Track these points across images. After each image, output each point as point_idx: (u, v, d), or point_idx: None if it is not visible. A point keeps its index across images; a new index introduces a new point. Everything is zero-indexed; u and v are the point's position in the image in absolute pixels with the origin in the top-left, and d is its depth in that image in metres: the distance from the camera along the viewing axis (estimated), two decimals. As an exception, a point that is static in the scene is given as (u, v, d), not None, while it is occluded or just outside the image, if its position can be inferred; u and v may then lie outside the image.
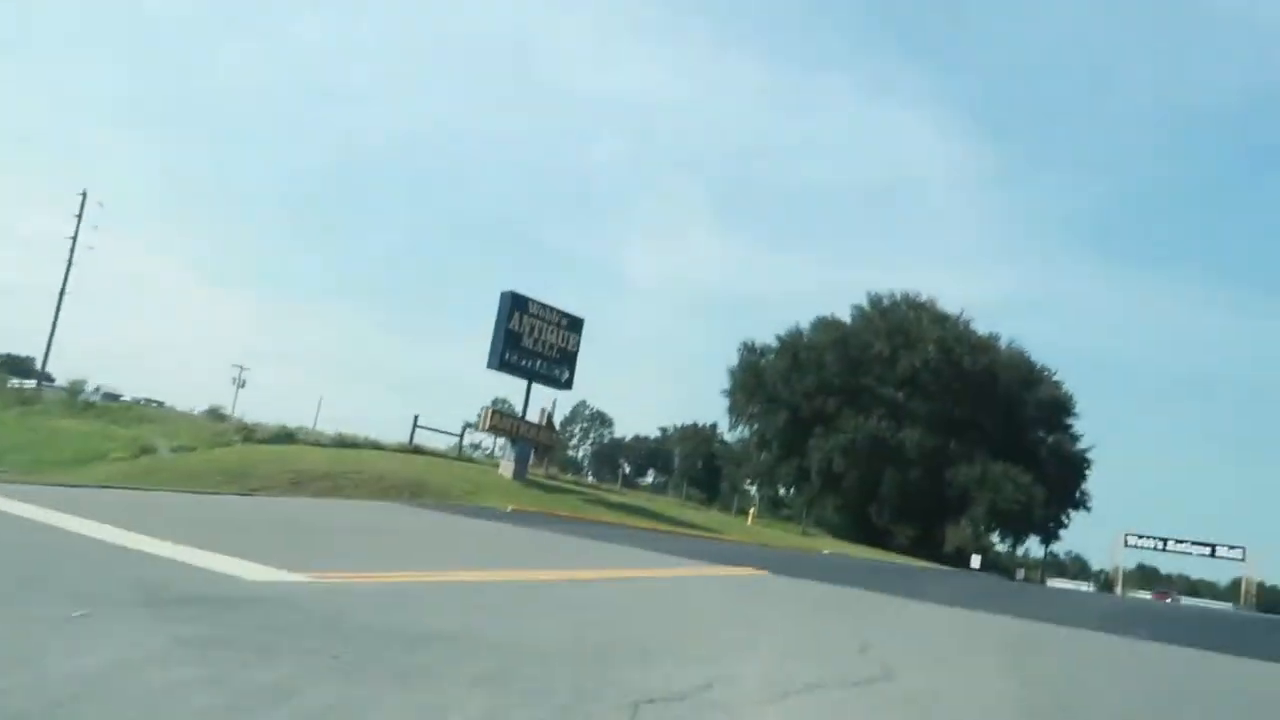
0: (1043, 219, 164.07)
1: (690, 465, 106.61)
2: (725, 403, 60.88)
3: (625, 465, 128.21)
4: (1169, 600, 56.48)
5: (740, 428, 62.72)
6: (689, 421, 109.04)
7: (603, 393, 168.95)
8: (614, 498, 32.24)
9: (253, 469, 20.76)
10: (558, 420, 47.15)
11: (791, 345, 58.65)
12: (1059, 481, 57.25)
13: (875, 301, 59.27)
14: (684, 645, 5.97)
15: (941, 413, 54.32)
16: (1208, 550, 76.53)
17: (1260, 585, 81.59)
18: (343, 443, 26.90)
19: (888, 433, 52.58)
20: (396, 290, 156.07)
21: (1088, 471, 60.54)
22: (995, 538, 59.92)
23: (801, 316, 71.81)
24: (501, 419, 27.49)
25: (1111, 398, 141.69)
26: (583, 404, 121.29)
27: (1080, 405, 60.89)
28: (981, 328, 57.81)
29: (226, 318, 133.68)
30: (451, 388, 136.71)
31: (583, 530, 17.95)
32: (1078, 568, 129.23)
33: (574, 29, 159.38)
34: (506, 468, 27.75)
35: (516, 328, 27.92)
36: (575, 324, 29.79)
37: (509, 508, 21.68)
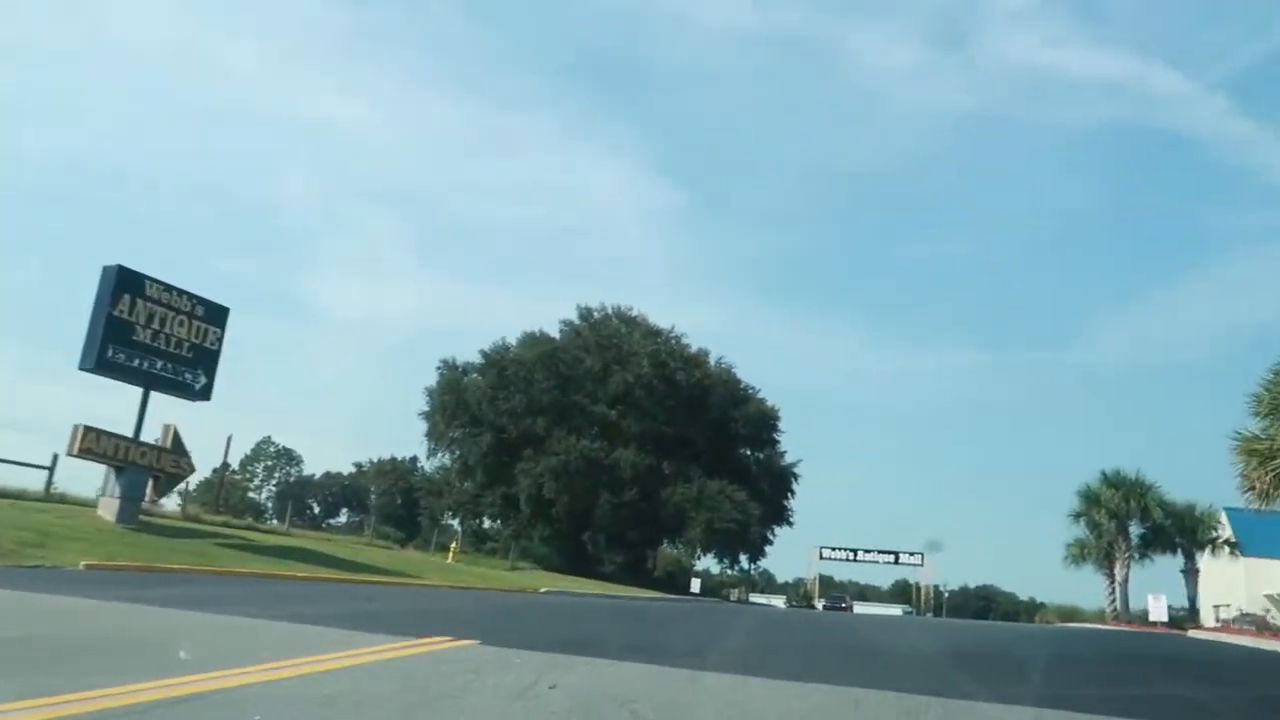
0: (729, 262, 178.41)
1: (388, 502, 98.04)
2: (424, 427, 54.28)
3: (314, 505, 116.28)
4: (844, 606, 58.35)
5: (440, 454, 56.33)
6: (386, 456, 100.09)
7: (291, 429, 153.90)
8: (269, 540, 25.04)
9: None
10: (235, 456, 38.21)
11: (497, 361, 53.45)
12: (770, 497, 56.68)
13: (586, 315, 55.76)
14: None
15: (656, 430, 51.61)
16: (892, 558, 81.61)
17: (936, 588, 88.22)
18: None
19: (601, 453, 48.85)
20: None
21: (795, 486, 60.85)
22: (710, 558, 58.21)
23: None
24: (99, 439, 19.64)
25: (795, 422, 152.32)
26: (267, 440, 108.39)
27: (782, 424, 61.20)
28: (690, 344, 56.03)
29: None
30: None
31: (199, 593, 11.50)
32: (764, 581, 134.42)
33: (258, 50, 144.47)
34: (109, 506, 19.99)
35: (126, 315, 20.28)
36: (216, 314, 22.55)
37: (82, 564, 14.46)
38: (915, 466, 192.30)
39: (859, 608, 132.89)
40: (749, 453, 58.88)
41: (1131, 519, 38.34)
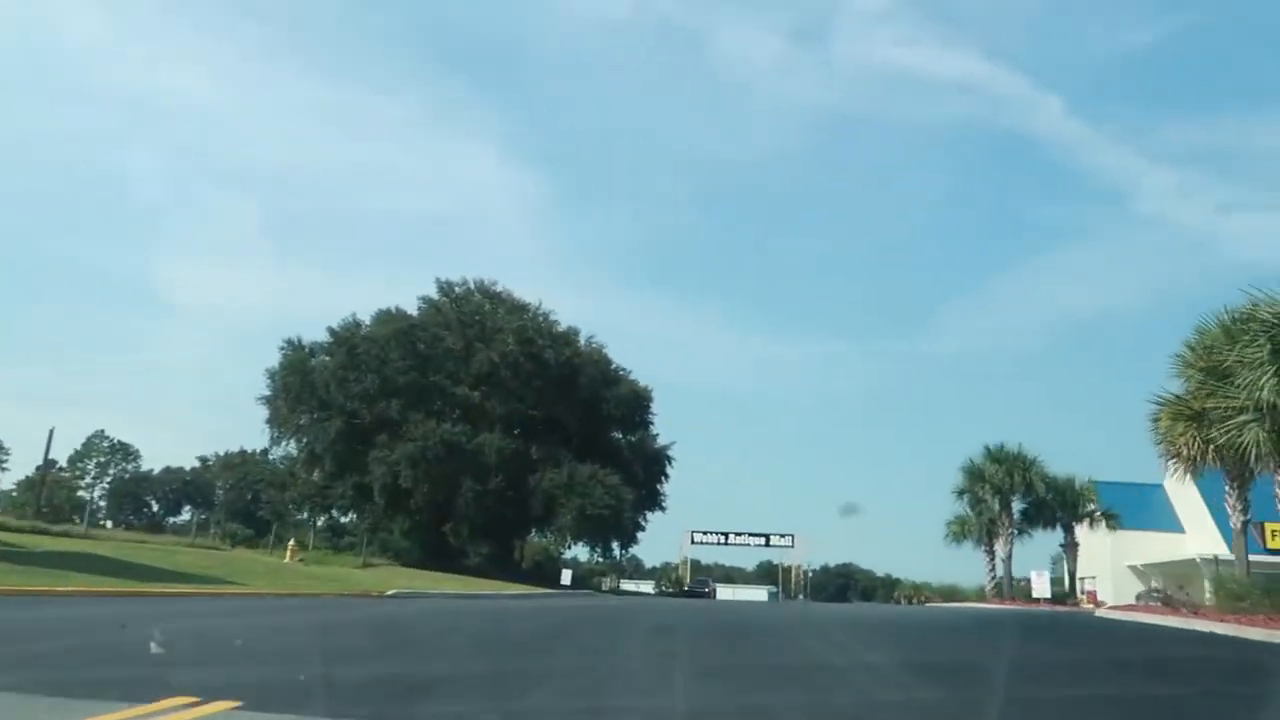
0: (600, 250, 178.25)
1: (237, 497, 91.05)
2: (265, 413, 49.08)
3: (153, 503, 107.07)
4: (707, 591, 57.15)
5: (285, 442, 51.22)
6: (235, 449, 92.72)
7: (133, 423, 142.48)
8: (54, 545, 20.55)
9: None
10: (63, 452, 32.30)
11: (347, 340, 48.79)
12: (643, 481, 54.30)
13: (446, 289, 51.61)
14: None
15: (522, 412, 48.25)
16: (763, 540, 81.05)
17: (804, 570, 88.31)
18: None
19: (463, 437, 45.09)
20: None
21: (669, 469, 58.68)
22: (580, 546, 55.43)
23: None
24: None
25: (666, 409, 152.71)
26: (100, 434, 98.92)
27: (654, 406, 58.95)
28: (559, 322, 52.79)
29: None
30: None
31: None
32: (633, 567, 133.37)
33: (100, 19, 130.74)
34: None
35: None
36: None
37: None
38: (783, 453, 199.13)
39: (724, 592, 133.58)
40: (621, 435, 56.28)
41: (1015, 493, 37.82)
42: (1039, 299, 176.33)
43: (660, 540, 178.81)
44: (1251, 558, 43.67)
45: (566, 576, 42.78)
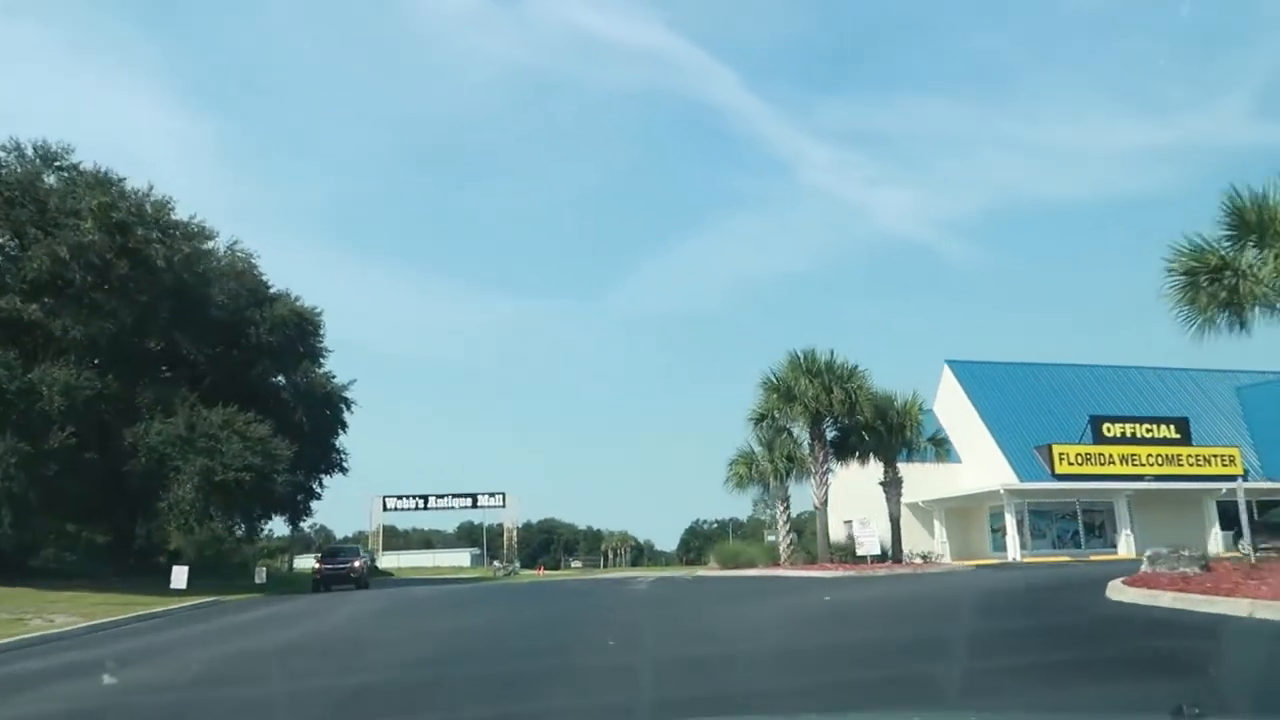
0: (279, 206, 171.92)
1: None
2: None
3: None
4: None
5: None
6: None
7: None
8: None
9: None
10: None
11: None
12: (312, 435, 40.34)
13: (-13, 155, 33.87)
14: None
15: (117, 337, 32.49)
16: (469, 501, 69.57)
17: (512, 530, 77.75)
18: None
19: (15, 377, 28.89)
20: None
21: (347, 416, 45.02)
22: (219, 523, 40.35)
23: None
24: None
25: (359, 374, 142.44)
26: None
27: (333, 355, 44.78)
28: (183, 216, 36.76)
29: None
30: None
31: None
32: (322, 538, 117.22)
33: None
34: None
35: None
36: None
37: None
38: (483, 413, 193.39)
39: (423, 558, 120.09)
40: (280, 374, 41.77)
41: (833, 416, 29.05)
42: (717, 262, 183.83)
43: (351, 508, 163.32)
44: (1041, 485, 39.20)
45: (179, 576, 28.28)
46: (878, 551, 28.11)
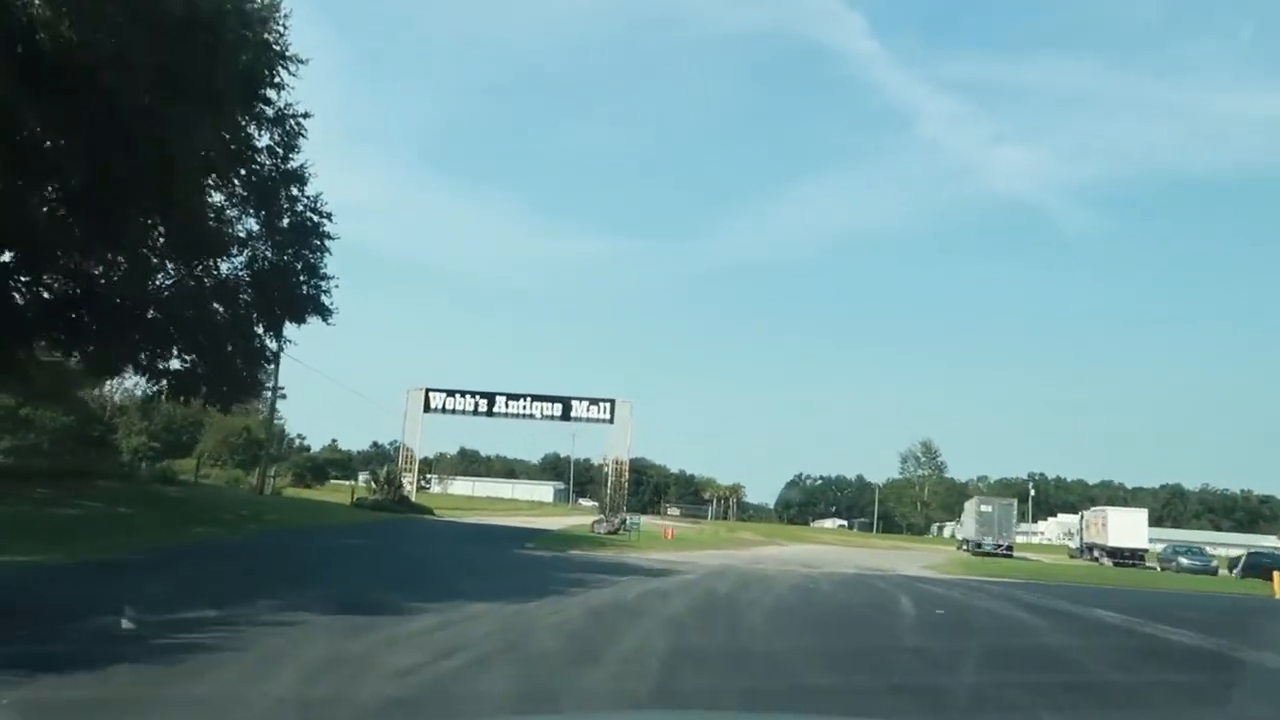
0: (383, 126, 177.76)
1: None
2: None
3: None
4: None
5: None
6: None
7: None
8: None
9: None
10: None
11: None
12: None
13: None
14: None
15: None
16: (559, 407, 59.07)
17: (622, 462, 69.97)
18: None
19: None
20: None
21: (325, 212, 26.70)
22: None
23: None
24: None
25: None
26: None
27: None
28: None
29: None
30: None
31: None
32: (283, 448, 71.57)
33: None
34: None
35: None
36: None
37: None
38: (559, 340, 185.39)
39: (501, 487, 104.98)
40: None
41: None
42: (811, 214, 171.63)
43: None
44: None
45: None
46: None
